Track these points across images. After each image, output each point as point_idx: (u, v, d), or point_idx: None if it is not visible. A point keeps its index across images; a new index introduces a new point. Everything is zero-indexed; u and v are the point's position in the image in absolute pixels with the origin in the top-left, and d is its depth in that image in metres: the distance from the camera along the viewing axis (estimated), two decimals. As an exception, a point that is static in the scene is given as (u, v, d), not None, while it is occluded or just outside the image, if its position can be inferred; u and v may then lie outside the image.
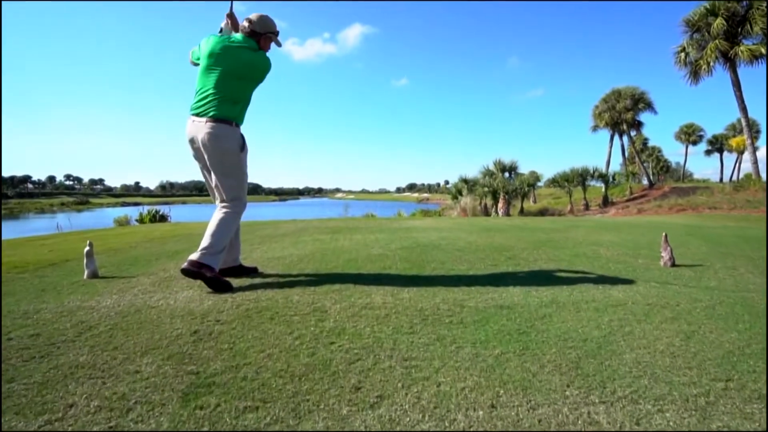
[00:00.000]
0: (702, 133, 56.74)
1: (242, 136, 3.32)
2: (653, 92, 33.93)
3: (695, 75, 18.74)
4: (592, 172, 32.11)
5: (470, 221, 9.36)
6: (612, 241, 5.48)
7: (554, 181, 34.59)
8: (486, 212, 27.65)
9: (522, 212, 31.03)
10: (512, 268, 3.69)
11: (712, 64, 17.50)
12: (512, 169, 27.38)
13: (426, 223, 8.92)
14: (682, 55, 18.90)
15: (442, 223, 8.87)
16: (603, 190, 33.13)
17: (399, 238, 5.91)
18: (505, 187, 25.53)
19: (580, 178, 31.85)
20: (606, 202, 31.53)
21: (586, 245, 5.09)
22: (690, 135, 57.32)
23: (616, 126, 35.73)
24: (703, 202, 15.00)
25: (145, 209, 17.14)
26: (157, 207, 19.23)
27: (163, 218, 16.59)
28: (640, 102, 32.79)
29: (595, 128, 38.15)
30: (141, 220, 16.16)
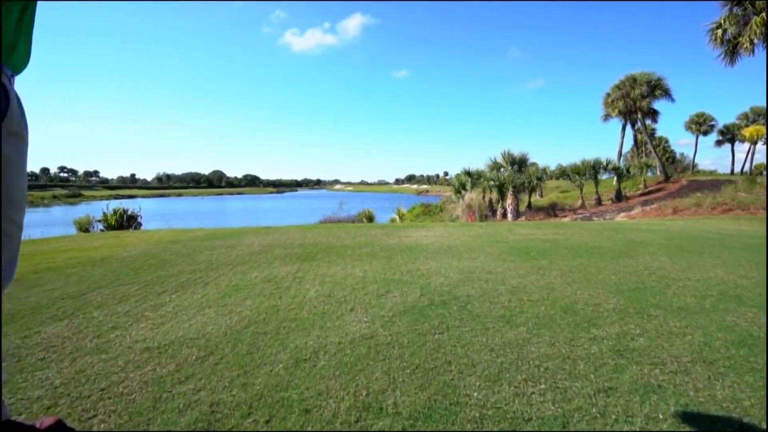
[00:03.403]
0: (713, 122, 54.60)
1: (3, 90, 1.18)
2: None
3: (732, 55, 16.53)
4: (604, 164, 30.04)
5: (491, 232, 7.29)
6: (741, 285, 3.41)
7: (564, 174, 32.56)
8: (491, 207, 25.64)
9: (530, 207, 29.04)
10: (663, 413, 1.62)
11: (756, 41, 15.29)
12: (522, 161, 25.24)
13: (434, 235, 6.83)
14: (719, 32, 16.60)
15: (455, 235, 6.79)
16: (615, 183, 31.11)
17: (399, 276, 3.83)
18: (513, 181, 23.41)
19: (592, 170, 29.79)
20: (619, 197, 29.51)
21: (718, 301, 3.02)
22: (701, 125, 55.22)
23: (629, 115, 33.49)
24: (752, 201, 12.94)
25: (110, 207, 14.79)
26: (135, 203, 17.05)
27: (131, 220, 14.44)
28: (656, 89, 30.48)
29: (606, 117, 35.89)
30: (106, 221, 13.99)
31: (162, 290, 3.46)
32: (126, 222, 14.28)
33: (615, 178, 30.83)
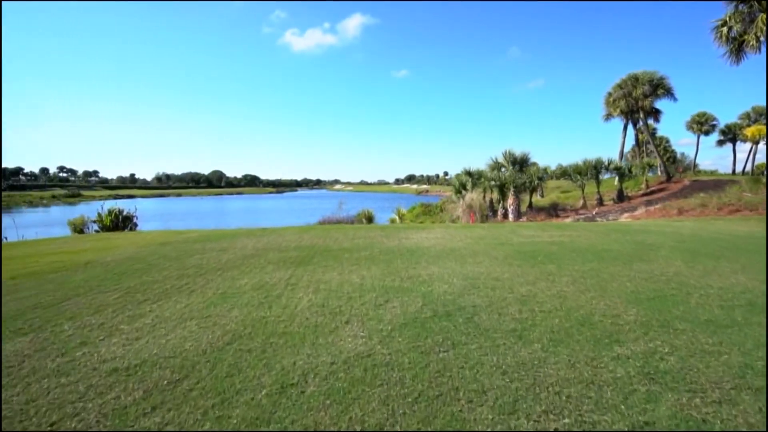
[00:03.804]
0: (715, 122, 54.25)
1: None
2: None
3: (737, 53, 16.27)
4: (606, 163, 29.79)
5: (494, 234, 7.03)
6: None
7: (565, 174, 32.33)
8: (492, 208, 25.41)
9: (531, 207, 28.82)
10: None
11: (762, 38, 15.03)
12: (523, 161, 24.97)
13: (435, 237, 6.58)
14: (724, 29, 16.35)
15: (457, 238, 6.53)
16: (616, 183, 30.86)
17: (399, 283, 3.57)
18: (514, 181, 23.14)
19: (593, 170, 29.53)
20: (621, 197, 29.28)
21: (748, 313, 2.76)
22: (702, 125, 54.86)
23: (631, 114, 33.24)
24: (759, 201, 12.66)
25: (105, 207, 14.47)
26: (133, 203, 16.80)
27: (127, 220, 14.16)
28: (659, 88, 30.22)
29: (607, 117, 35.63)
30: (100, 221, 13.71)
31: (143, 299, 3.21)
32: (121, 223, 14.02)
33: (617, 178, 30.60)
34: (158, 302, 3.09)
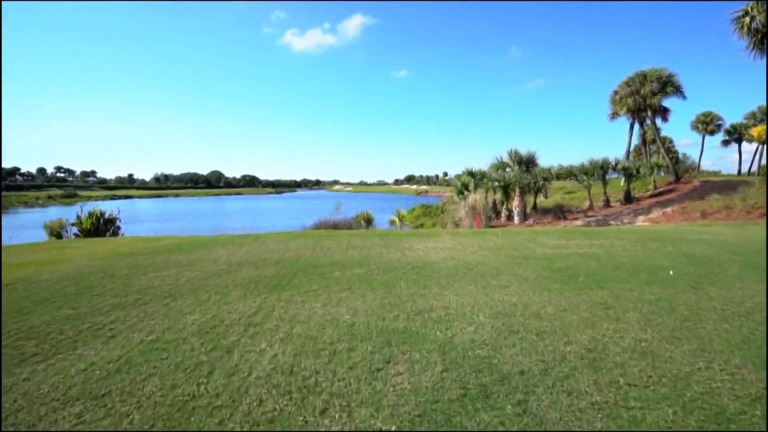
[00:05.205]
0: (720, 122, 53.39)
1: None
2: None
3: (761, 45, 15.31)
4: (613, 164, 28.85)
5: (512, 244, 6.02)
6: None
7: (571, 174, 31.41)
8: (495, 209, 24.45)
9: (535, 209, 27.85)
10: None
11: (785, 30, 14.06)
12: (530, 161, 24.01)
13: (444, 248, 5.58)
14: (746, 20, 15.40)
15: (469, 248, 5.53)
16: (623, 184, 29.92)
17: (405, 323, 2.56)
18: (520, 182, 22.16)
19: (600, 170, 28.59)
20: (629, 198, 28.33)
21: None
22: (707, 124, 54.01)
23: (638, 113, 32.27)
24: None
25: (85, 209, 13.43)
26: (130, 204, 15.82)
27: (109, 223, 13.16)
28: (667, 85, 29.24)
29: (613, 116, 34.69)
30: (80, 224, 12.69)
31: (33, 351, 2.20)
32: (102, 226, 13.01)
33: (623, 179, 29.66)
34: (49, 360, 2.09)
